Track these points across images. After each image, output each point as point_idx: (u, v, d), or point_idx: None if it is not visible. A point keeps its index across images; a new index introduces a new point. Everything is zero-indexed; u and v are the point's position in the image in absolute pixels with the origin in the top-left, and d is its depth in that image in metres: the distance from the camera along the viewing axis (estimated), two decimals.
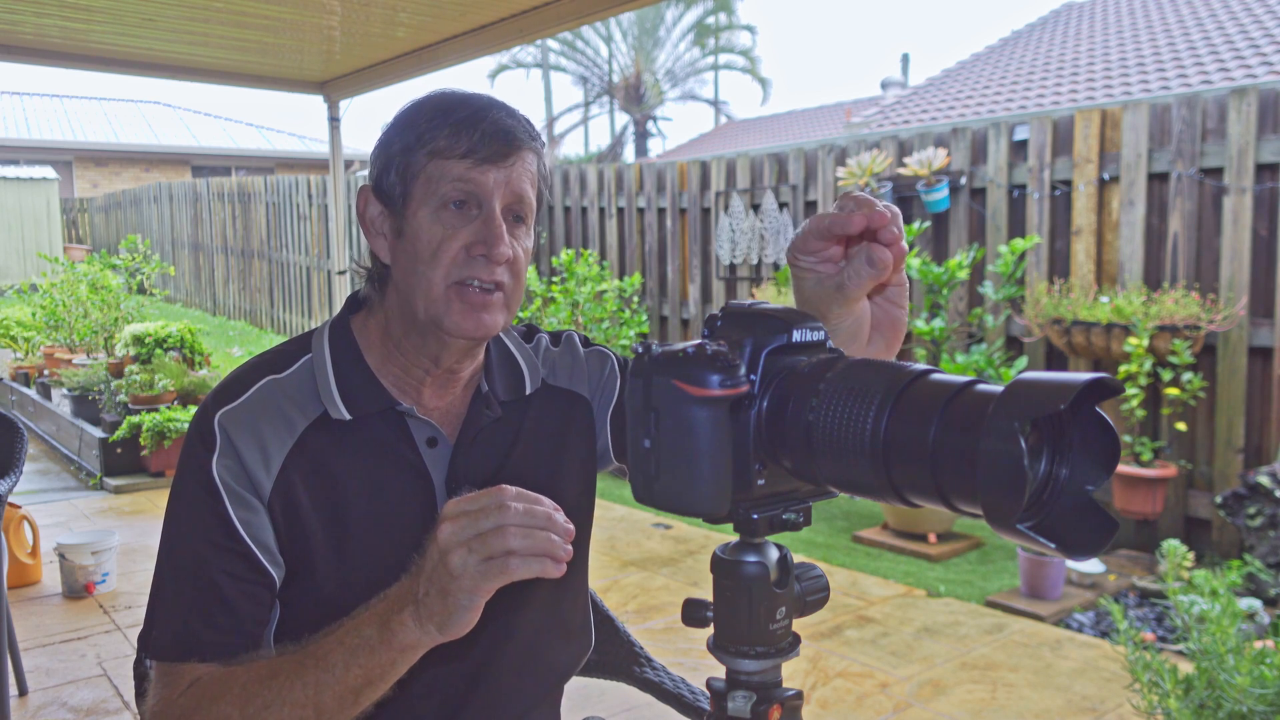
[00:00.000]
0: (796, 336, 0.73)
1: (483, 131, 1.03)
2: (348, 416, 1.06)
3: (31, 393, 7.55)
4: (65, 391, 6.59)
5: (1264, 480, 3.78)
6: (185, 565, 1.02)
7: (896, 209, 0.86)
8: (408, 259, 1.05)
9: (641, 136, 27.52)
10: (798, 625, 0.77)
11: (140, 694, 1.04)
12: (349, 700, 0.90)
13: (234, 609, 1.00)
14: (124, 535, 4.60)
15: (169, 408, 5.83)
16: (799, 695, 0.76)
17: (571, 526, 0.83)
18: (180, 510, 1.04)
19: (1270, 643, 2.07)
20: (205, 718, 0.94)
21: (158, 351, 6.66)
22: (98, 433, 5.90)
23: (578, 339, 1.27)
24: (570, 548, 0.83)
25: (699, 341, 0.72)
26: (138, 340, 6.80)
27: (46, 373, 7.53)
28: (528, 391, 1.19)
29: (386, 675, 0.89)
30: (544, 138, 1.12)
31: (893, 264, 0.85)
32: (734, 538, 0.77)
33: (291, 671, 0.91)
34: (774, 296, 5.54)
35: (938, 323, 4.80)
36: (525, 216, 1.08)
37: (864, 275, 0.85)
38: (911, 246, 5.19)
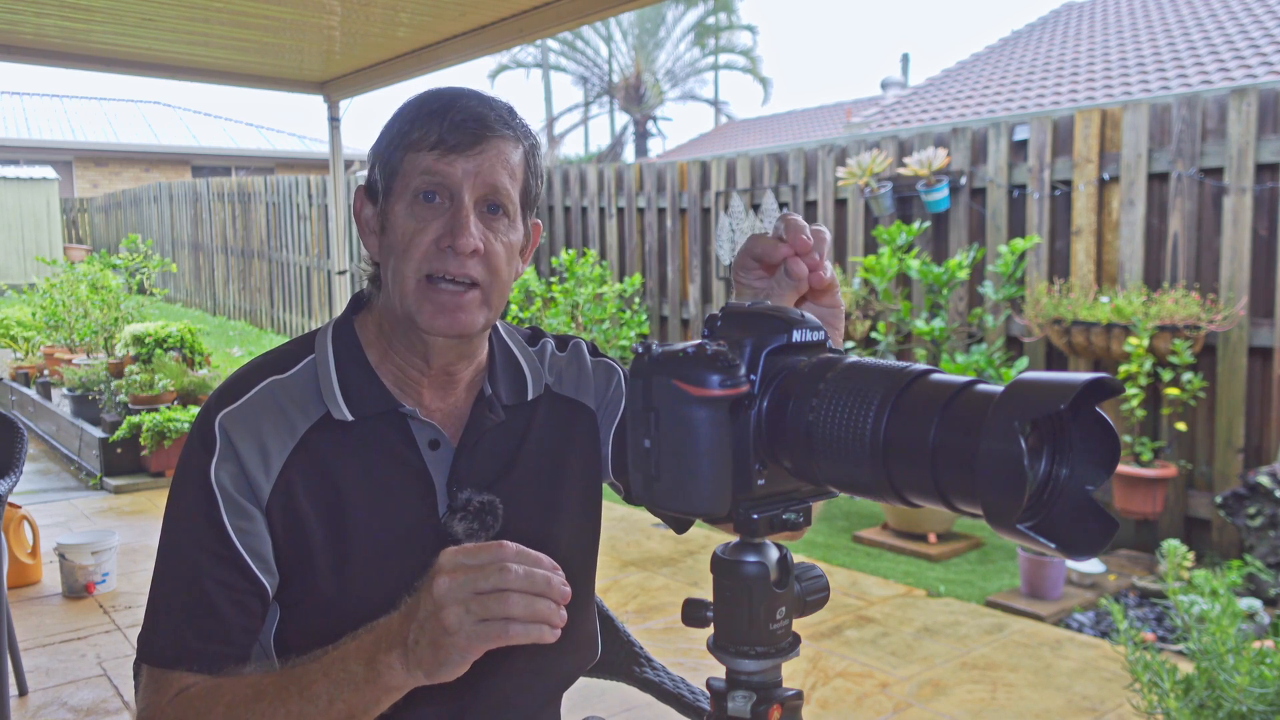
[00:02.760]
0: (797, 336, 0.73)
1: (450, 120, 1.01)
2: (350, 417, 1.06)
3: (31, 393, 7.55)
4: (65, 391, 6.59)
5: (1264, 480, 3.78)
6: (179, 572, 1.02)
7: (826, 234, 0.92)
8: (387, 254, 1.05)
9: (641, 136, 27.51)
10: (798, 625, 0.77)
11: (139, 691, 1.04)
12: None
13: (224, 619, 1.00)
14: (124, 535, 4.60)
15: (169, 408, 5.83)
16: (799, 695, 0.76)
17: (569, 589, 0.82)
18: (177, 514, 1.04)
19: (1270, 643, 2.07)
20: None
21: (158, 351, 6.66)
22: (98, 433, 5.89)
23: (585, 348, 1.25)
24: (565, 613, 0.82)
25: (699, 341, 0.72)
26: (138, 340, 6.80)
27: (46, 373, 7.52)
28: (530, 396, 1.17)
29: (370, 710, 0.88)
30: (540, 133, 1.10)
31: (814, 281, 0.91)
32: (734, 537, 0.76)
33: (276, 696, 0.91)
34: None
35: (938, 323, 4.80)
36: (503, 207, 1.05)
37: (785, 287, 0.91)
38: (911, 247, 5.20)
